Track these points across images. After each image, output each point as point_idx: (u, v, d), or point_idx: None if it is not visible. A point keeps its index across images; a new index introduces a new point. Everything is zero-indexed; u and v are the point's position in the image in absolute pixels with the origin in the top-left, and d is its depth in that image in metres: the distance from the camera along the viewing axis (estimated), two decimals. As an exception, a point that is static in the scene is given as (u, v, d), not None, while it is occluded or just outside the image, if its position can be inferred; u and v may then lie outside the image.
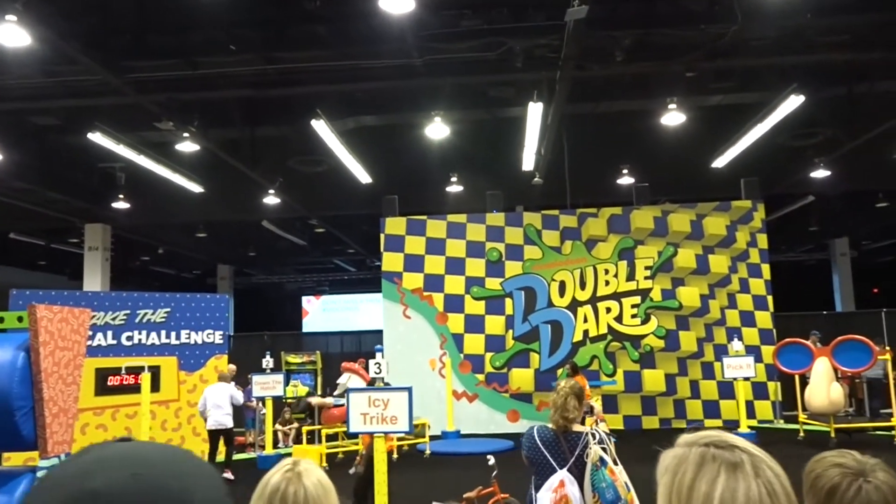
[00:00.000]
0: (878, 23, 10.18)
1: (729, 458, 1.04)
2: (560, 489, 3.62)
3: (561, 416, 3.76)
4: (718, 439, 1.08)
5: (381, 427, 5.74)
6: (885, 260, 28.00)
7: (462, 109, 13.27)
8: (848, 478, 1.54)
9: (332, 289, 32.79)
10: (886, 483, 1.52)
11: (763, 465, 1.04)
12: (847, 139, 14.19)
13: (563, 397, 3.80)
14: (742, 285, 14.79)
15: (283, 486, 1.62)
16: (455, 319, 14.93)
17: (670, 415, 14.48)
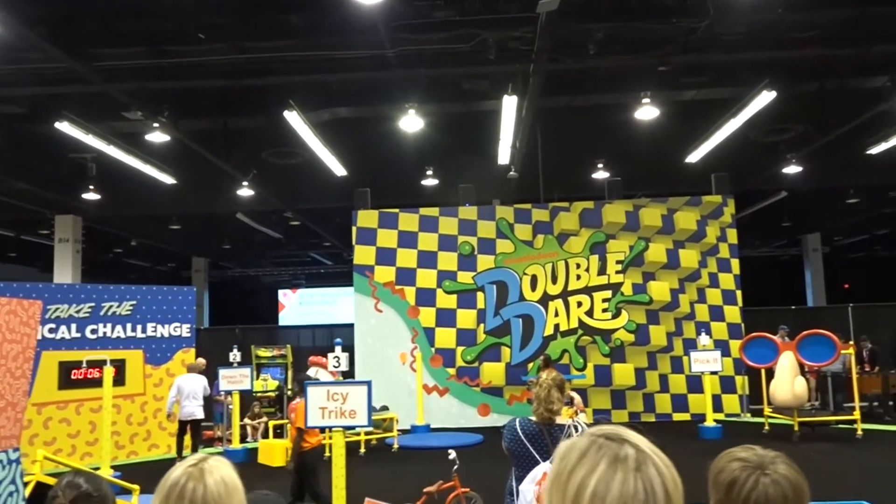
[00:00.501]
0: (848, 18, 10.25)
1: (614, 450, 1.02)
2: (544, 482, 3.57)
3: (545, 408, 3.73)
4: (613, 432, 1.06)
5: (340, 421, 5.69)
6: (857, 255, 28.36)
7: (436, 102, 13.21)
8: (747, 471, 1.54)
9: (309, 282, 32.63)
10: (785, 476, 1.52)
11: (649, 463, 1.01)
12: (818, 135, 14.31)
13: (546, 389, 3.78)
14: (711, 280, 14.89)
15: (182, 482, 1.54)
16: (427, 313, 14.89)
17: (640, 409, 14.56)
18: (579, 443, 1.06)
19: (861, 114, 13.00)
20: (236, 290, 31.87)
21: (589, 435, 1.07)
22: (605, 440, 1.04)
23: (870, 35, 10.33)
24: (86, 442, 11.35)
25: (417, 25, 10.17)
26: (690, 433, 12.32)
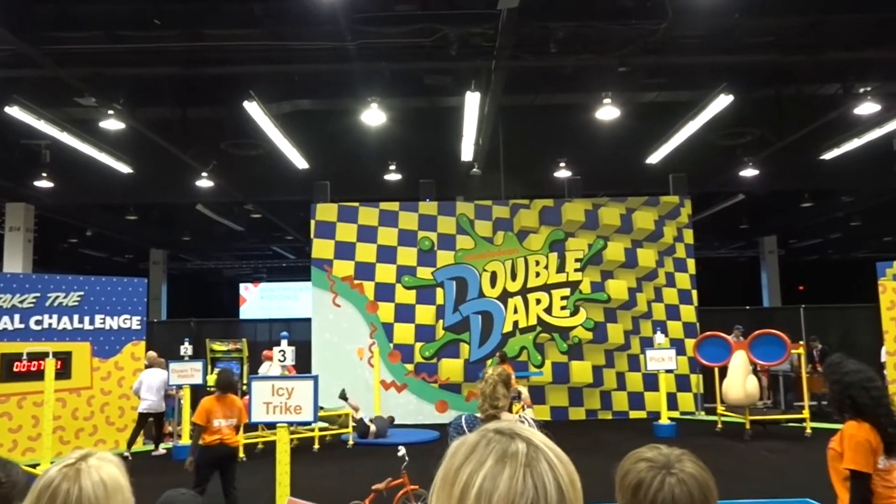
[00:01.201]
0: (803, 26, 10.43)
1: (504, 445, 0.97)
2: None
3: (490, 404, 3.67)
4: (506, 427, 1.01)
5: (285, 417, 5.60)
6: (811, 258, 28.98)
7: (399, 97, 13.14)
8: (653, 472, 1.51)
9: (271, 276, 32.31)
10: (691, 475, 1.50)
11: (541, 458, 0.96)
12: (775, 139, 14.56)
13: (492, 385, 3.71)
14: (668, 279, 15.07)
15: (55, 482, 1.42)
16: (385, 308, 14.82)
17: (596, 406, 14.68)
18: (469, 438, 1.01)
19: (815, 120, 13.26)
20: (196, 283, 31.41)
21: (481, 430, 1.02)
22: (496, 435, 0.99)
23: (824, 43, 10.53)
24: (28, 437, 11.03)
25: (378, 18, 10.10)
26: (646, 431, 12.45)
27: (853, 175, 16.65)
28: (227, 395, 7.06)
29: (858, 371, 3.48)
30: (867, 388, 3.40)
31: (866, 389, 3.39)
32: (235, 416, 6.99)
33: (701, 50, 10.78)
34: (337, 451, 11.53)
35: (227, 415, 6.92)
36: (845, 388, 3.45)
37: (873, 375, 3.49)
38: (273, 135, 12.30)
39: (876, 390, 3.40)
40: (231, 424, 6.95)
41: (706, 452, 3.63)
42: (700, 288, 15.34)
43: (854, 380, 3.44)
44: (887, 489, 3.39)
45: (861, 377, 3.44)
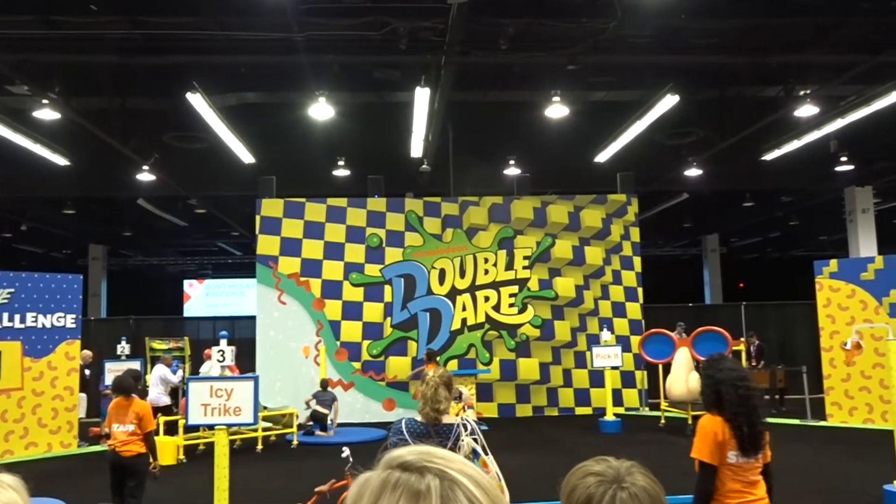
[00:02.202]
0: (746, 29, 10.62)
1: (413, 485, 0.83)
2: None
3: (432, 408, 3.59)
4: (413, 460, 0.87)
5: (224, 419, 5.41)
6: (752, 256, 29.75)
7: (348, 91, 12.96)
8: (603, 486, 1.42)
9: (216, 273, 31.62)
10: (643, 489, 1.42)
11: (457, 492, 0.83)
12: (718, 140, 14.85)
13: (433, 388, 3.64)
14: (615, 277, 15.23)
15: None
16: (332, 306, 14.61)
17: (543, 403, 14.76)
18: (372, 482, 0.86)
19: (757, 121, 13.56)
20: (138, 280, 30.52)
21: (384, 466, 0.88)
22: (402, 473, 0.85)
23: (765, 46, 10.75)
24: (-46, 440, 10.52)
25: (326, 10, 9.91)
26: (591, 426, 12.58)
27: (792, 175, 17.12)
28: (129, 398, 6.41)
29: (732, 370, 3.60)
30: (736, 385, 3.50)
31: (735, 387, 3.49)
32: (131, 422, 6.27)
33: (648, 50, 10.90)
34: (281, 452, 11.30)
35: (122, 420, 6.29)
36: (716, 384, 3.55)
37: (746, 375, 3.61)
38: (218, 128, 11.98)
39: (744, 389, 3.50)
40: (126, 431, 6.27)
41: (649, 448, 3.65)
42: (645, 285, 15.56)
43: (726, 377, 3.54)
44: (743, 484, 3.49)
45: (733, 375, 3.55)
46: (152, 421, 6.61)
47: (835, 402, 12.90)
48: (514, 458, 10.40)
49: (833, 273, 13.15)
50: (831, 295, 13.09)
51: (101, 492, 6.74)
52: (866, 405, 12.42)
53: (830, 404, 12.97)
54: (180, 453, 10.48)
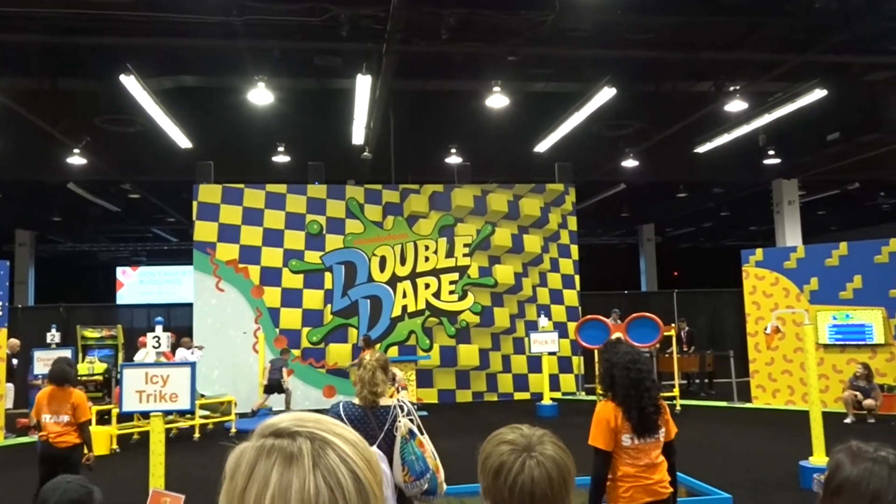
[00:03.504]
0: (679, 24, 10.94)
1: (286, 449, 0.85)
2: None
3: (370, 391, 3.61)
4: (286, 426, 0.88)
5: (160, 406, 5.36)
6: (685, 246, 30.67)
7: (288, 76, 12.82)
8: (514, 455, 1.52)
9: (151, 260, 30.84)
10: (551, 457, 1.53)
11: (328, 451, 0.85)
12: (654, 132, 15.26)
13: (371, 371, 3.65)
14: (553, 265, 15.55)
15: None
16: (271, 293, 14.49)
17: (483, 388, 15.00)
18: (247, 453, 0.87)
19: (690, 115, 13.99)
20: (68, 267, 29.52)
21: (258, 435, 0.89)
22: (276, 439, 0.87)
23: (698, 43, 11.10)
24: None
25: (266, -6, 9.80)
26: (529, 411, 12.85)
27: (723, 168, 17.72)
28: (63, 387, 6.23)
29: (627, 353, 3.70)
30: (629, 368, 3.60)
31: (628, 370, 3.60)
32: (67, 413, 6.11)
33: (586, 43, 11.13)
34: (219, 440, 11.16)
35: (56, 410, 6.11)
36: (611, 367, 3.67)
37: (640, 359, 3.69)
38: (153, 111, 11.69)
39: (636, 373, 3.60)
40: (60, 422, 6.09)
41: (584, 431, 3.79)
42: (583, 273, 15.92)
43: (620, 360, 3.65)
44: (638, 468, 3.61)
45: (627, 359, 3.65)
46: (88, 411, 6.49)
47: (759, 384, 13.51)
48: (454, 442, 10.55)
49: (759, 262, 13.73)
50: (757, 283, 13.67)
51: (30, 484, 6.58)
52: (788, 387, 13.05)
53: (755, 387, 13.58)
54: (114, 443, 10.28)
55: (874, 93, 13.64)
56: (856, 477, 1.51)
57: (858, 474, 1.51)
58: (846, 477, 1.53)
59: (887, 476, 1.50)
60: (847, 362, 12.26)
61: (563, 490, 1.51)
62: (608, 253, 29.86)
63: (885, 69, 12.54)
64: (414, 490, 3.54)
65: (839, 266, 12.84)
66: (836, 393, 12.01)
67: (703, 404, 13.84)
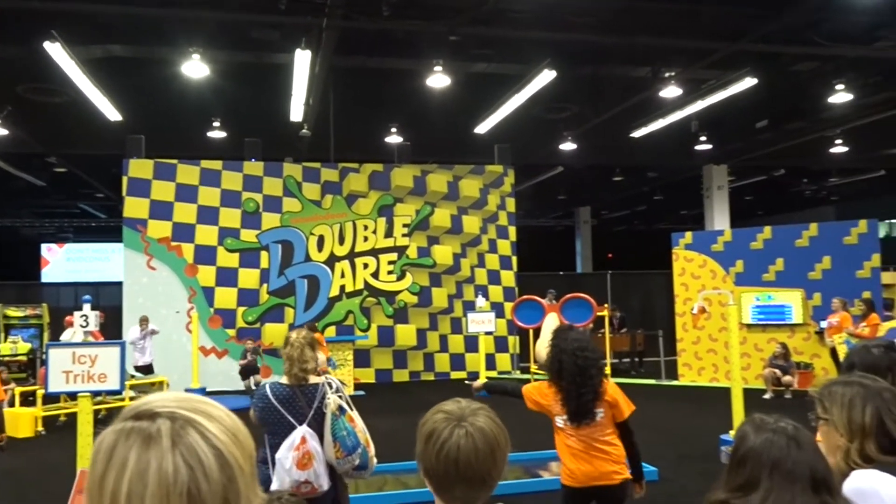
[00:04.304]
0: (617, 9, 11.08)
1: (144, 431, 0.83)
2: (302, 445, 3.51)
3: (300, 368, 3.64)
4: (147, 408, 0.87)
5: (88, 386, 5.22)
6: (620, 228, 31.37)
7: (224, 49, 12.46)
8: (445, 423, 1.60)
9: (79, 237, 29.78)
10: (480, 429, 1.59)
11: (191, 431, 0.83)
12: (592, 116, 15.50)
13: (299, 349, 3.67)
14: (491, 246, 15.70)
15: None
16: (206, 272, 14.19)
17: (420, 368, 15.10)
18: (107, 438, 0.86)
19: (627, 99, 14.26)
20: (-11, 243, 28.27)
21: (119, 419, 0.87)
22: (135, 422, 0.85)
23: (635, 28, 11.28)
24: None
25: (201, -37, 9.50)
26: (465, 391, 12.92)
27: (657, 153, 18.16)
28: None
29: (577, 340, 3.75)
30: (577, 356, 3.66)
31: (575, 357, 3.66)
32: None
33: (527, 25, 11.17)
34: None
35: None
36: (560, 353, 3.72)
37: (588, 346, 3.74)
38: (80, 81, 11.23)
39: (583, 360, 3.66)
40: None
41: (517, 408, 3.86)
42: (520, 254, 16.14)
43: (569, 347, 3.69)
44: (579, 449, 3.75)
45: (576, 346, 3.70)
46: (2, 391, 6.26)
47: (686, 363, 14.01)
48: (392, 421, 10.62)
49: (688, 245, 14.17)
50: (686, 265, 14.12)
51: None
52: (713, 365, 13.58)
53: (682, 365, 14.07)
54: (39, 425, 9.96)
55: (801, 82, 14.15)
56: (758, 447, 1.63)
57: (761, 444, 1.63)
58: (750, 447, 1.64)
59: (786, 445, 1.62)
60: (768, 341, 12.82)
61: (488, 461, 1.57)
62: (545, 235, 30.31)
63: (812, 60, 13.01)
64: (346, 466, 3.58)
65: (763, 249, 13.37)
66: (758, 370, 12.56)
67: (632, 382, 14.24)
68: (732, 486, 1.65)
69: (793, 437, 1.64)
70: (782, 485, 1.58)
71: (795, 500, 1.56)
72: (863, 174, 23.60)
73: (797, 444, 1.63)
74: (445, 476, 1.58)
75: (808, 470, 1.59)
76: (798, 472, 1.59)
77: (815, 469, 1.61)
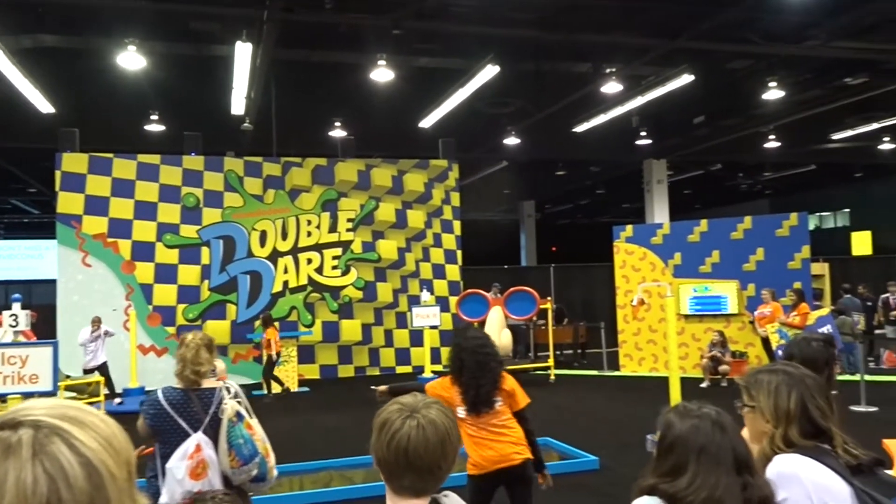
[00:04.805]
0: (559, 6, 11.21)
1: (6, 440, 0.81)
2: (197, 454, 3.28)
3: (192, 370, 3.39)
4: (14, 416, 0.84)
5: (18, 388, 5.06)
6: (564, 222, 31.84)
7: (162, 40, 12.17)
8: (399, 413, 1.67)
9: (9, 233, 28.70)
10: (431, 420, 1.65)
11: (55, 439, 0.81)
12: (535, 111, 15.68)
13: (194, 350, 3.41)
14: (436, 240, 15.72)
15: None
16: (144, 269, 13.82)
17: (365, 363, 15.04)
18: None
19: (570, 95, 14.47)
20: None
21: None
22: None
23: (576, 24, 11.44)
24: None
25: (136, -49, 9.25)
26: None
27: (599, 147, 18.49)
28: None
29: (476, 338, 3.94)
30: (477, 353, 3.82)
31: (476, 354, 3.82)
32: None
33: (470, 20, 11.23)
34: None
35: None
36: (461, 351, 3.86)
37: (487, 343, 3.92)
38: (9, 72, 10.78)
39: (483, 356, 3.82)
40: None
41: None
42: (466, 248, 16.22)
43: (469, 345, 3.86)
44: (480, 437, 3.87)
45: (476, 343, 3.88)
46: None
47: (627, 353, 14.32)
48: (337, 416, 10.60)
49: (629, 238, 14.47)
50: (626, 257, 14.42)
51: None
52: (652, 356, 13.91)
53: (623, 356, 14.38)
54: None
55: (736, 80, 14.58)
56: (685, 433, 1.70)
57: (687, 430, 1.70)
58: (677, 434, 1.71)
59: (711, 430, 1.69)
60: (705, 331, 13.20)
61: (437, 452, 1.63)
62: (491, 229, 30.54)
63: (746, 58, 13.42)
64: (242, 476, 3.36)
65: (700, 242, 13.75)
66: (695, 360, 12.94)
67: (575, 373, 14.51)
68: (661, 472, 1.71)
69: (716, 421, 1.72)
70: (708, 467, 1.65)
71: (720, 481, 1.63)
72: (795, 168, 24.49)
73: (721, 429, 1.70)
74: (396, 465, 1.63)
75: (731, 452, 1.67)
76: (722, 454, 1.66)
77: (738, 451, 1.69)
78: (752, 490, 1.65)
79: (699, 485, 1.63)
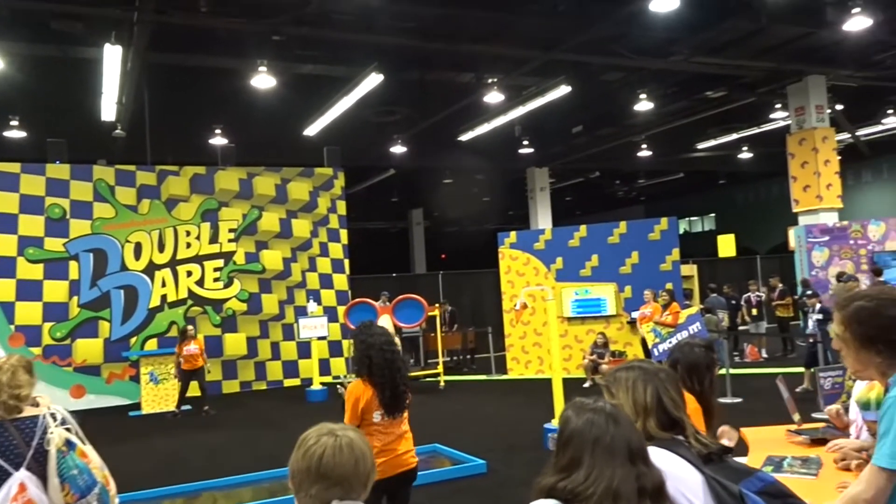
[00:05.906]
0: (439, 16, 11.33)
1: None
2: (21, 495, 2.86)
3: (10, 395, 2.96)
4: None
5: None
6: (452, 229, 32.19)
7: (20, 41, 11.35)
8: (318, 432, 1.77)
9: None
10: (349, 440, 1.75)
11: None
12: (420, 119, 15.80)
13: (9, 373, 3.00)
14: (322, 249, 15.49)
15: None
16: (5, 285, 12.83)
17: (251, 377, 14.59)
18: None
19: (453, 104, 14.68)
20: None
21: None
22: None
23: (457, 34, 11.61)
24: None
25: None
26: (299, 397, 12.78)
27: (484, 156, 18.87)
28: None
29: (382, 335, 3.94)
30: (384, 350, 3.84)
31: (382, 351, 3.84)
32: None
33: (352, 27, 11.15)
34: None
35: None
36: (367, 348, 3.86)
37: (391, 341, 3.96)
38: None
39: (390, 353, 3.86)
40: None
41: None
42: (355, 257, 16.07)
43: (375, 342, 3.86)
44: (387, 443, 3.87)
45: (383, 340, 3.89)
46: None
47: (514, 357, 14.63)
48: (221, 434, 10.21)
49: (513, 244, 14.81)
50: (511, 263, 14.75)
51: None
52: (538, 358, 14.28)
53: (510, 359, 14.68)
54: None
55: (610, 91, 15.25)
56: (581, 427, 1.76)
57: (583, 424, 1.76)
58: (573, 429, 1.76)
59: (605, 423, 1.74)
60: (587, 333, 13.69)
61: (349, 466, 1.71)
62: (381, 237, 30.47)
63: (619, 70, 14.06)
64: None
65: (580, 247, 14.26)
66: (578, 361, 13.38)
67: (465, 378, 14.69)
68: (558, 468, 1.75)
69: (611, 414, 1.77)
70: (603, 459, 1.69)
71: (615, 472, 1.68)
72: (666, 176, 25.93)
73: (615, 421, 1.75)
74: (306, 473, 1.69)
75: (625, 443, 1.72)
76: (616, 446, 1.71)
77: (631, 442, 1.74)
78: (645, 479, 1.70)
79: (595, 476, 1.67)
